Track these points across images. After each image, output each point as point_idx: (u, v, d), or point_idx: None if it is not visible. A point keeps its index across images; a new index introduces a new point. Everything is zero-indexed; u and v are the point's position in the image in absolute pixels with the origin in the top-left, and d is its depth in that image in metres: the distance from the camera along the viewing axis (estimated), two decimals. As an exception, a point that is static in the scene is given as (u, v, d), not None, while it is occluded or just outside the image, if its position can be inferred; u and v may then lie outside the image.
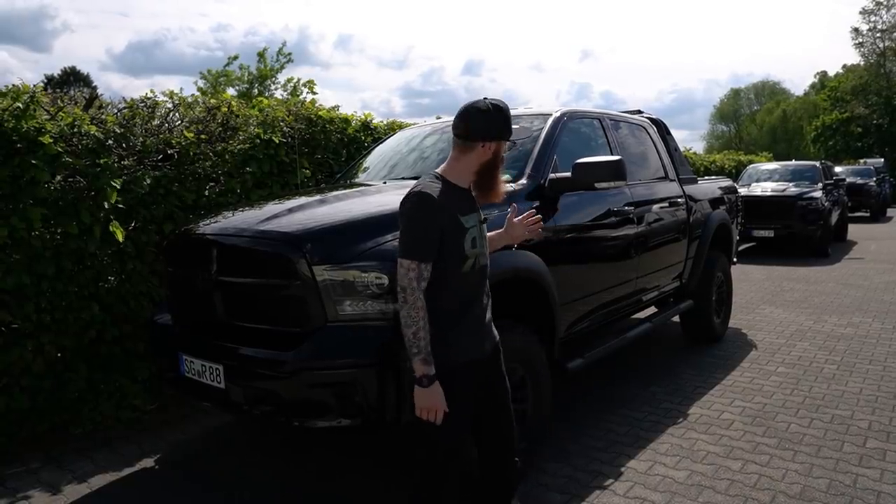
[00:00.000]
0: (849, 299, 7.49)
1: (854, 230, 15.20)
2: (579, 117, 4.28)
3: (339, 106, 6.10)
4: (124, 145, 4.20)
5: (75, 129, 3.89)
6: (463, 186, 2.22)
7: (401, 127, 6.25)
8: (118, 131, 4.16)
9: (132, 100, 4.65)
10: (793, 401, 4.20)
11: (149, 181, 4.18)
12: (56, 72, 42.11)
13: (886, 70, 40.49)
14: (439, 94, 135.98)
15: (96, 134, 3.94)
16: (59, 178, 3.74)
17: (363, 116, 6.36)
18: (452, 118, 2.29)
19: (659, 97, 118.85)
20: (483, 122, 2.19)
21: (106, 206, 3.86)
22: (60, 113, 3.94)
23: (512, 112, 4.48)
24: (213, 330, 3.07)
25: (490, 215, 2.67)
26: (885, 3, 40.32)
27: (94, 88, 39.37)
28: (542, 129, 3.85)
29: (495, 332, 2.36)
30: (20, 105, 3.61)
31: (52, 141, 3.67)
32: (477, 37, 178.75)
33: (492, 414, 2.36)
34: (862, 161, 26.51)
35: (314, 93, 6.38)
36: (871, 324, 6.25)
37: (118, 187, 3.87)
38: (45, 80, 38.34)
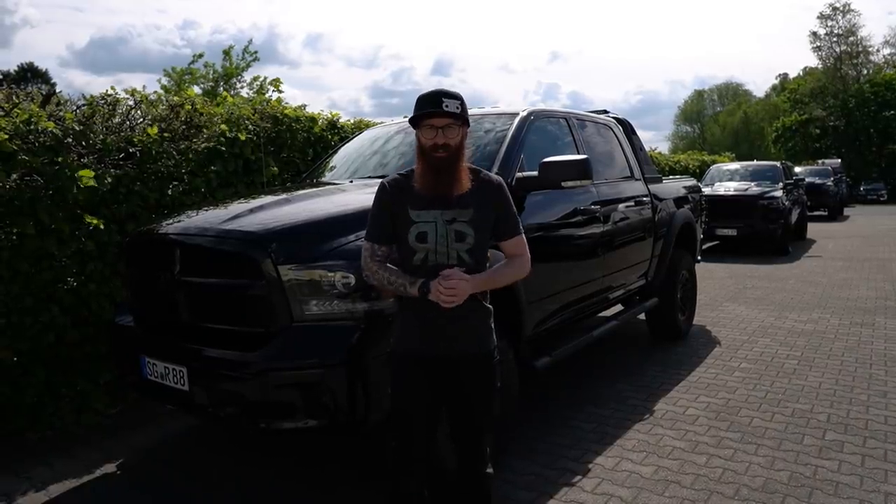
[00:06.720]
0: (808, 296, 7.68)
1: (813, 229, 15.59)
2: (546, 117, 4.30)
3: (305, 105, 6.06)
4: (84, 143, 4.09)
5: (32, 127, 3.78)
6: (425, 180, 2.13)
7: (367, 126, 6.22)
8: (77, 129, 4.05)
9: (92, 97, 4.54)
10: (755, 396, 4.28)
11: (109, 180, 4.08)
12: (12, 67, 40.83)
13: (842, 73, 41.68)
14: (408, 93, 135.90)
15: (54, 131, 3.83)
16: (14, 176, 3.63)
17: (330, 115, 6.32)
18: None
19: (625, 98, 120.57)
20: None
21: (70, 203, 3.76)
22: (15, 109, 3.82)
23: (479, 111, 4.47)
24: (177, 331, 3.01)
25: None
26: (841, 8, 41.54)
27: (53, 85, 38.29)
28: (508, 128, 3.85)
29: (474, 339, 2.18)
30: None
31: (6, 138, 3.56)
32: (446, 37, 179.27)
33: (459, 420, 2.27)
34: (820, 162, 27.31)
35: (280, 91, 6.30)
36: (829, 319, 6.41)
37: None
38: (0, 77, 37.24)
